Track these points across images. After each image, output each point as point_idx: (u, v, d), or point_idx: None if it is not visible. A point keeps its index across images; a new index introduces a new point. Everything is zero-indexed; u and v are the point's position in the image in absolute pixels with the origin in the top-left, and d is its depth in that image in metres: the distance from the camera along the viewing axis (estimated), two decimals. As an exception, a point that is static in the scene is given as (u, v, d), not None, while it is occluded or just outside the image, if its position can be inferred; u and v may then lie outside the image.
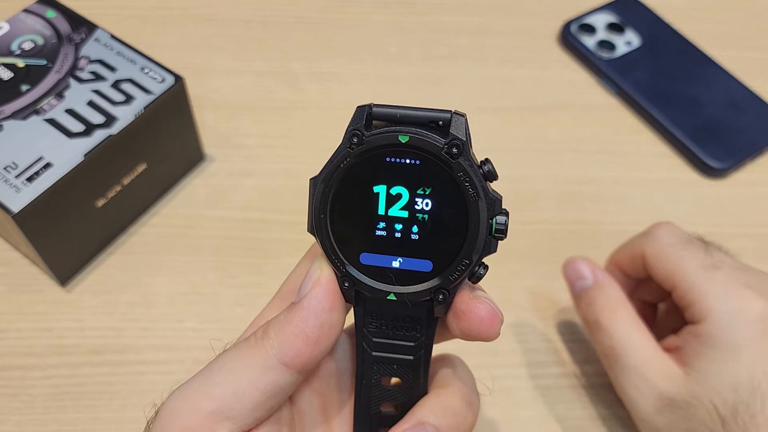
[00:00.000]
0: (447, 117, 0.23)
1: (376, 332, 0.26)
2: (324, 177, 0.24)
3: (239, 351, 0.25)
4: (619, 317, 0.37)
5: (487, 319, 0.25)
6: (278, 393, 0.25)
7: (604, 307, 0.37)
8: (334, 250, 0.25)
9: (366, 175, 0.24)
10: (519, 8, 0.65)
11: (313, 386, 0.28)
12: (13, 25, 0.47)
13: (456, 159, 0.23)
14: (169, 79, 0.45)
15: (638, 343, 0.36)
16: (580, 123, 0.57)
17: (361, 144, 0.23)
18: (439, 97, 0.58)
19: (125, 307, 0.45)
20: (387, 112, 0.24)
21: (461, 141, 0.23)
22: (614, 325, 0.37)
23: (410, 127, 0.23)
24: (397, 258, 0.25)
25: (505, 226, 0.24)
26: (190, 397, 0.24)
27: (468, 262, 0.24)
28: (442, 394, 0.28)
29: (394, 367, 0.27)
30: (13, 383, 0.42)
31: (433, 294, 0.25)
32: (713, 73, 0.59)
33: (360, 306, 0.26)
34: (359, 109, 0.24)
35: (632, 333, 0.36)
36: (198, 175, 0.52)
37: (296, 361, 0.25)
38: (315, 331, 0.24)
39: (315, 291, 0.25)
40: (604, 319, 0.37)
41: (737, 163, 0.53)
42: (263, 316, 0.28)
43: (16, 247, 0.47)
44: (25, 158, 0.41)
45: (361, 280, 0.25)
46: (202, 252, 0.48)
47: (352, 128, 0.23)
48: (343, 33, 0.62)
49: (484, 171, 0.23)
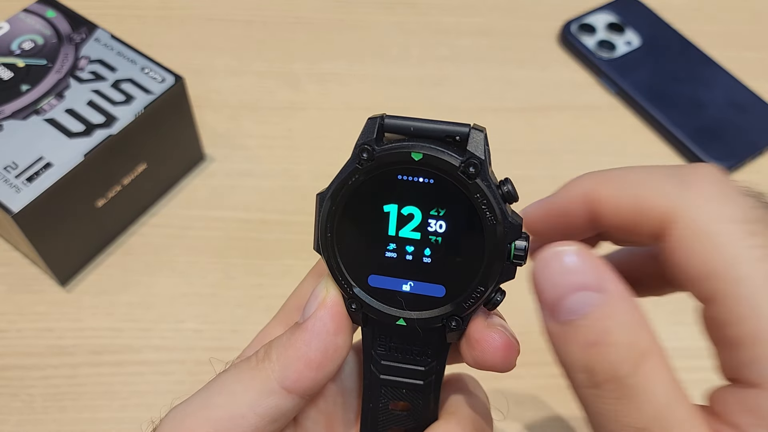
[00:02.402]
0: (465, 132, 0.22)
1: (385, 355, 0.25)
2: (332, 193, 0.23)
3: (239, 372, 0.24)
4: (653, 372, 0.19)
5: (501, 349, 0.23)
6: (279, 418, 0.24)
7: (630, 353, 0.19)
8: (341, 271, 0.23)
9: (376, 194, 0.22)
10: (519, 8, 0.65)
11: (319, 406, 0.27)
12: (13, 25, 0.47)
13: (473, 180, 0.21)
14: (169, 79, 0.45)
15: (684, 420, 0.19)
16: (580, 123, 0.57)
17: (372, 160, 0.22)
18: (440, 97, 0.58)
19: (125, 307, 0.45)
20: (400, 125, 0.22)
21: (479, 160, 0.21)
22: (648, 386, 0.19)
23: (424, 142, 0.22)
24: (407, 281, 0.23)
25: (525, 252, 0.22)
26: (188, 420, 0.24)
27: (483, 289, 0.22)
28: (452, 421, 0.26)
29: (403, 392, 0.26)
30: (13, 383, 0.42)
31: (446, 321, 0.23)
32: (713, 73, 0.59)
33: (369, 328, 0.25)
34: (370, 121, 0.22)
35: (674, 403, 0.19)
36: (198, 175, 0.52)
37: (298, 386, 0.23)
38: (318, 355, 0.23)
39: (320, 313, 0.24)
40: (628, 379, 0.19)
41: (737, 163, 0.53)
42: (266, 332, 0.27)
43: (16, 247, 0.47)
44: (25, 158, 0.41)
45: (370, 304, 0.23)
46: (202, 252, 0.48)
47: (362, 142, 0.22)
48: (344, 33, 0.62)
49: (503, 192, 0.22)
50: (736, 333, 0.19)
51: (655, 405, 0.19)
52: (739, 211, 0.20)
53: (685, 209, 0.20)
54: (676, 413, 0.19)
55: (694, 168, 0.21)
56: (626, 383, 0.19)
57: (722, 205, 0.20)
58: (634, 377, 0.19)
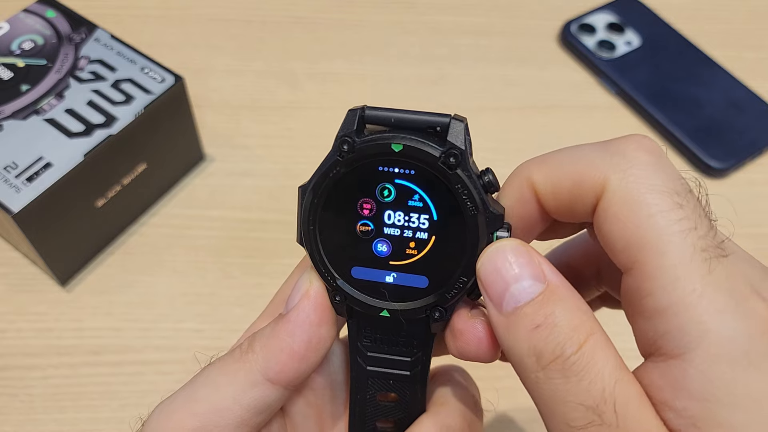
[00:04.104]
0: (445, 122, 0.21)
1: (371, 347, 0.25)
2: (313, 186, 0.23)
3: (224, 364, 0.24)
4: (598, 350, 0.20)
5: (485, 339, 0.23)
6: (264, 409, 0.24)
7: (574, 333, 0.20)
8: (324, 263, 0.23)
9: (357, 185, 0.22)
10: (519, 8, 0.65)
11: (308, 399, 0.27)
12: (13, 25, 0.47)
13: (453, 170, 0.21)
14: (169, 79, 0.45)
15: (632, 397, 0.19)
16: (581, 123, 0.57)
17: (352, 152, 0.22)
18: (440, 97, 0.58)
19: (125, 307, 0.45)
20: (380, 116, 0.22)
21: (459, 150, 0.21)
22: (594, 364, 0.19)
23: (405, 133, 0.22)
24: (390, 273, 0.23)
25: None
26: (174, 415, 0.23)
27: (466, 279, 0.22)
28: (441, 412, 0.26)
29: (390, 383, 0.26)
30: (13, 383, 0.42)
31: (429, 311, 0.23)
32: (713, 73, 0.59)
33: (354, 320, 0.25)
34: (351, 113, 0.22)
35: (622, 381, 0.19)
36: (198, 175, 0.52)
37: (281, 377, 0.23)
38: (302, 346, 0.23)
39: (303, 304, 0.24)
40: (574, 356, 0.19)
41: (737, 163, 0.53)
42: (254, 327, 0.27)
43: (16, 247, 0.47)
44: (25, 158, 0.41)
45: (353, 295, 0.23)
46: (202, 252, 0.48)
47: (342, 134, 0.22)
48: (343, 33, 0.62)
49: (484, 182, 0.22)
50: (656, 303, 0.19)
51: (603, 382, 0.19)
52: (669, 182, 0.20)
53: (616, 178, 0.20)
54: (625, 391, 0.19)
55: (626, 139, 0.21)
56: (572, 361, 0.19)
57: (652, 174, 0.20)
58: (580, 355, 0.19)
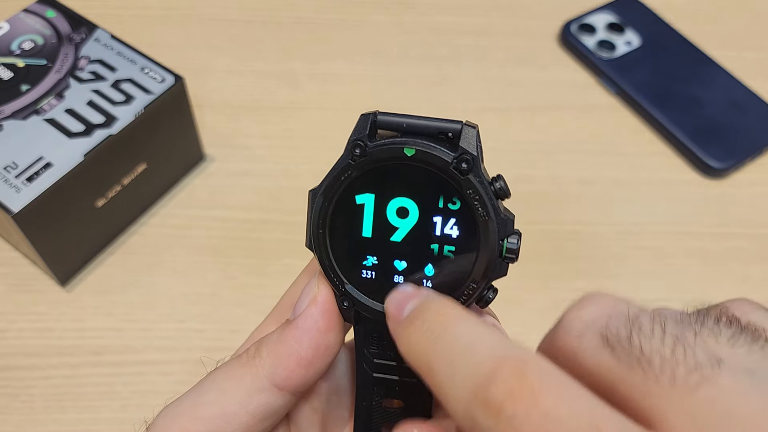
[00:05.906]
0: (457, 128, 0.22)
1: (378, 353, 0.25)
2: (324, 190, 0.23)
3: (230, 369, 0.24)
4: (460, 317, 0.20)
5: None
6: (270, 415, 0.24)
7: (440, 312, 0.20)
8: (332, 268, 0.23)
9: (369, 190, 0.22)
10: (519, 8, 0.65)
11: (313, 404, 0.27)
12: (13, 25, 0.47)
13: (465, 175, 0.21)
14: (169, 79, 0.45)
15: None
16: (580, 123, 0.57)
17: (364, 156, 0.22)
18: (440, 97, 0.58)
19: (125, 307, 0.45)
20: (393, 122, 0.22)
21: (471, 156, 0.21)
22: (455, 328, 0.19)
23: (417, 138, 0.22)
24: (399, 278, 0.23)
25: (517, 248, 0.22)
26: (179, 418, 0.23)
27: (475, 286, 0.22)
28: (447, 420, 0.25)
29: (397, 389, 0.25)
30: (13, 383, 0.42)
31: None
32: (713, 73, 0.59)
33: (361, 326, 0.25)
34: (363, 117, 0.22)
35: None
36: (198, 175, 0.52)
37: (288, 383, 0.23)
38: (309, 352, 0.23)
39: (311, 310, 0.24)
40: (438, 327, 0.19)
41: (737, 163, 0.53)
42: (260, 330, 0.27)
43: (16, 247, 0.47)
44: (25, 158, 0.41)
45: (361, 301, 0.23)
46: (203, 252, 0.48)
47: (355, 138, 0.22)
48: (344, 33, 0.62)
49: (495, 188, 0.22)
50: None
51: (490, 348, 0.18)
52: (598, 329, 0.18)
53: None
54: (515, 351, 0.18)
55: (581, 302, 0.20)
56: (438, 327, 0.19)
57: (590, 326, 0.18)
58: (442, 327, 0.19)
